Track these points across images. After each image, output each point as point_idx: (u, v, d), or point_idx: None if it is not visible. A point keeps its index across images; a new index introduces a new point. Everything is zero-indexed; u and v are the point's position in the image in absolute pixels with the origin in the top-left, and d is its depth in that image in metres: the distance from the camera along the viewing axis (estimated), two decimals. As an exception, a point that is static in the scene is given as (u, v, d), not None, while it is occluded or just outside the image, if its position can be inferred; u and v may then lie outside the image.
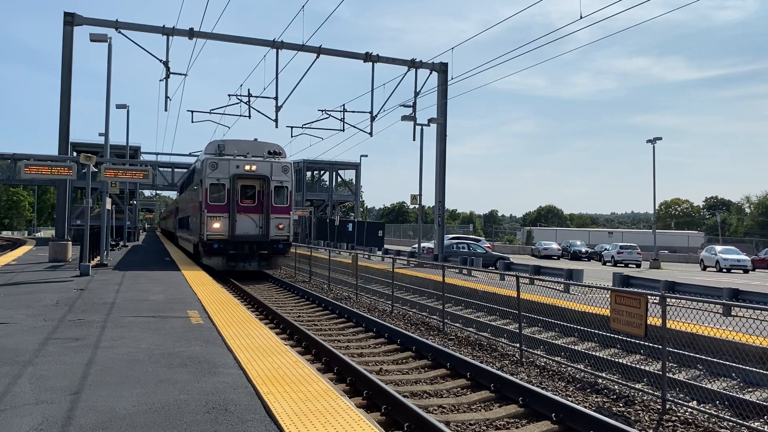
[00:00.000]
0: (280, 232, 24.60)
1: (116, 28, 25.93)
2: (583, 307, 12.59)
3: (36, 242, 45.44)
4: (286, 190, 24.93)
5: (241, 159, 24.31)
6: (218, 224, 23.60)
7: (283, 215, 24.77)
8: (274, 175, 24.57)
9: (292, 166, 25.51)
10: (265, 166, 24.47)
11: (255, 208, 24.39)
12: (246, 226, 24.09)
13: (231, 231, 23.75)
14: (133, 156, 49.09)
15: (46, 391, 6.08)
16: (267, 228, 24.27)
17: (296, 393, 6.17)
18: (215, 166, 23.82)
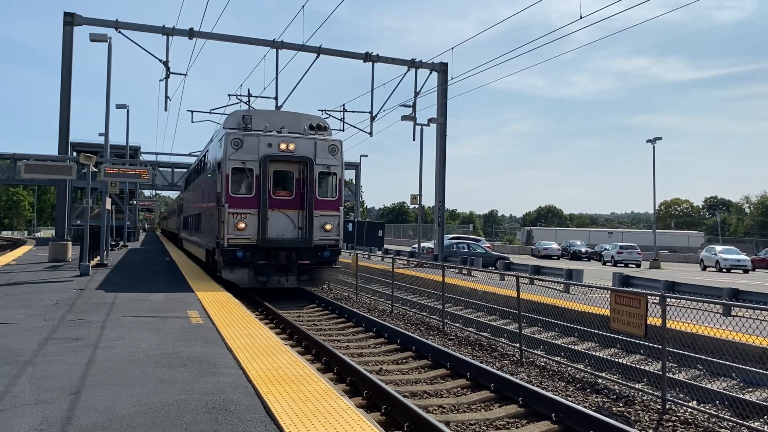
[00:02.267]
0: (327, 234, 17.72)
1: (116, 28, 25.92)
2: (583, 307, 12.60)
3: (36, 242, 45.43)
4: (335, 177, 18.05)
5: (275, 135, 17.59)
6: (243, 224, 16.81)
7: (330, 212, 17.92)
8: (319, 156, 17.74)
9: (342, 146, 18.24)
10: (306, 144, 17.72)
11: (293, 202, 17.63)
12: (281, 227, 17.39)
13: (261, 233, 16.97)
14: (133, 156, 49.13)
15: (46, 391, 6.08)
16: (309, 229, 17.41)
17: (296, 393, 6.17)
18: (239, 143, 17.03)
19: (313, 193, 17.55)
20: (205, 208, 21.32)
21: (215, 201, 18.02)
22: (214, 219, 18.48)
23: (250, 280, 17.18)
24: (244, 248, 16.99)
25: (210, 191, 19.88)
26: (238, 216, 17.01)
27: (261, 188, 17.16)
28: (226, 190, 17.05)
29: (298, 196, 17.69)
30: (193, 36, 26.98)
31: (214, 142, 19.84)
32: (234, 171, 17.14)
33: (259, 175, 17.18)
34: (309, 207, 17.51)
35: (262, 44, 28.47)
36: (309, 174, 17.56)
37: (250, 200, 17.14)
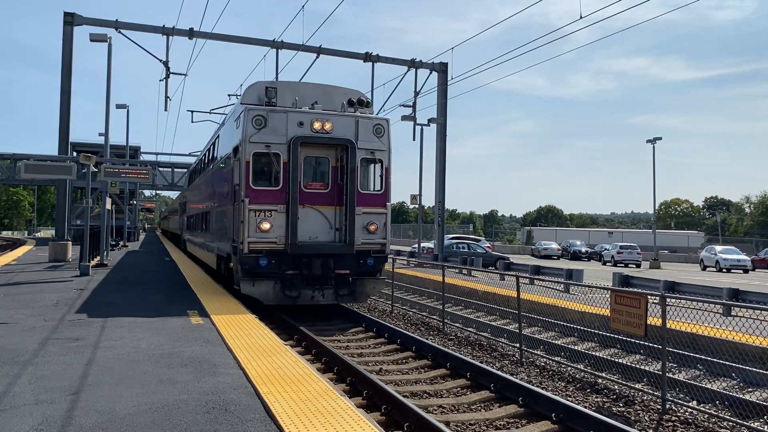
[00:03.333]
0: (371, 237, 14.23)
1: (116, 28, 25.92)
2: (583, 307, 12.60)
3: (36, 242, 45.43)
4: (381, 165, 14.61)
5: (307, 112, 14.02)
6: (267, 224, 13.41)
7: (375, 208, 14.36)
8: (361, 139, 14.19)
9: (389, 127, 14.75)
10: (346, 123, 14.18)
11: (328, 197, 14.09)
12: (314, 228, 13.90)
13: (290, 236, 13.42)
14: (133, 156, 49.17)
15: (46, 391, 6.08)
16: (350, 230, 13.91)
17: (296, 393, 6.17)
18: (262, 122, 13.54)
19: (354, 184, 13.95)
20: (216, 205, 17.89)
21: (230, 196, 14.75)
22: (228, 218, 15.06)
23: (275, 296, 13.61)
24: (269, 255, 13.41)
25: (223, 185, 16.52)
26: (261, 214, 13.42)
27: (290, 178, 13.52)
28: (246, 181, 13.40)
29: (335, 188, 14.10)
30: (193, 36, 26.98)
31: (228, 123, 16.46)
32: (256, 157, 13.52)
33: (288, 162, 13.53)
34: (350, 202, 13.89)
35: (262, 44, 28.47)
36: (350, 161, 13.90)
37: (275, 194, 13.56)
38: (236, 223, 13.86)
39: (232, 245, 14.22)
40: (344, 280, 14.11)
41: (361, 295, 14.64)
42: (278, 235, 13.50)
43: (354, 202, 13.98)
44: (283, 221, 13.54)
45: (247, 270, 13.47)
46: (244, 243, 13.28)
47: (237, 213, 13.84)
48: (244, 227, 13.29)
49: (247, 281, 13.50)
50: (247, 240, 13.27)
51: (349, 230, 13.89)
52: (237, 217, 13.82)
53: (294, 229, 13.47)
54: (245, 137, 13.51)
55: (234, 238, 14.12)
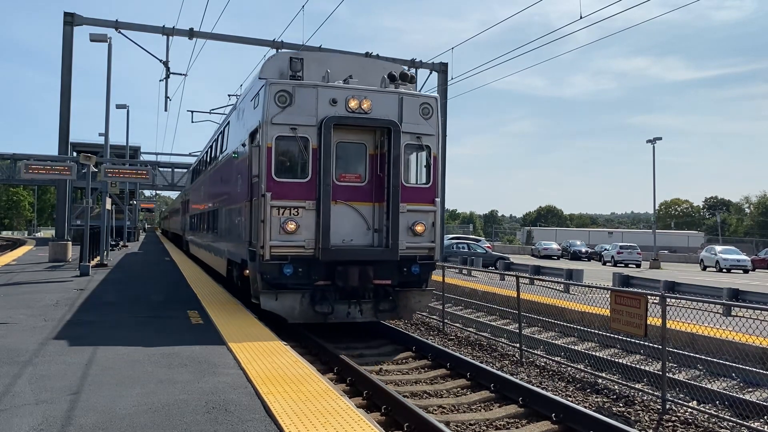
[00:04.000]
0: (418, 240, 11.86)
1: (116, 28, 25.93)
2: (583, 307, 12.61)
3: (36, 242, 45.44)
4: (428, 153, 12.14)
5: (342, 87, 11.66)
6: (294, 224, 11.12)
7: (421, 205, 11.99)
8: (406, 121, 11.78)
9: (438, 106, 12.34)
10: (387, 102, 11.77)
11: (365, 191, 11.79)
12: (348, 228, 11.59)
13: (322, 239, 11.09)
14: (133, 156, 49.20)
15: (46, 391, 6.08)
16: (392, 232, 11.45)
17: (296, 393, 6.17)
18: (287, 99, 11.16)
19: (398, 176, 11.52)
20: (227, 202, 15.60)
21: (246, 191, 12.47)
22: (243, 217, 12.83)
23: (303, 312, 11.21)
24: (296, 262, 11.06)
25: (235, 178, 14.26)
26: (286, 212, 11.08)
27: (321, 168, 11.13)
28: (268, 172, 11.08)
29: (373, 181, 11.73)
30: (193, 36, 26.99)
31: (243, 104, 13.94)
32: (280, 142, 11.19)
33: (318, 148, 11.18)
34: (392, 198, 11.46)
35: (262, 44, 28.48)
36: (392, 147, 11.47)
37: (303, 187, 11.22)
38: (254, 223, 11.64)
39: (249, 250, 11.88)
40: (385, 293, 11.68)
41: (405, 311, 12.06)
42: (306, 237, 11.09)
43: (398, 198, 11.49)
44: (312, 221, 11.14)
45: (269, 281, 11.04)
46: (265, 247, 10.90)
47: (256, 211, 11.52)
48: (264, 228, 10.91)
49: (269, 294, 11.04)
50: (269, 244, 10.88)
51: (392, 232, 11.37)
52: (256, 215, 11.50)
53: (326, 230, 10.99)
54: (266, 118, 11.10)
55: (251, 241, 11.83)
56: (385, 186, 11.57)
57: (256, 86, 12.31)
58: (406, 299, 11.97)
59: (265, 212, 10.97)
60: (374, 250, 11.47)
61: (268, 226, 10.93)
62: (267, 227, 10.93)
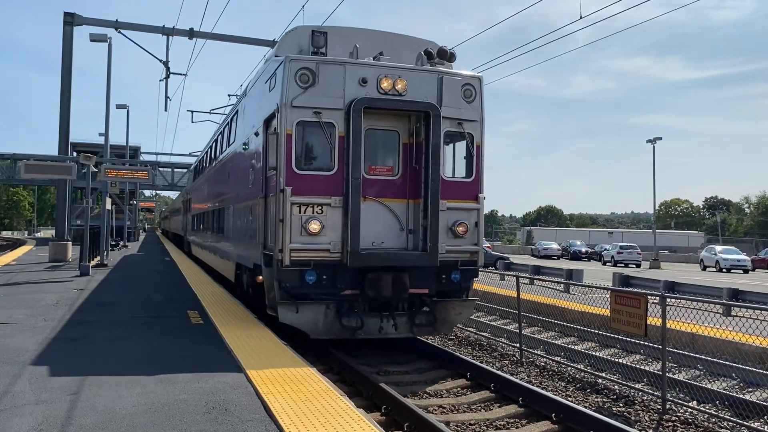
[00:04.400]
0: (459, 243, 10.41)
1: (116, 28, 25.91)
2: (583, 307, 12.61)
3: (36, 242, 45.46)
4: (470, 141, 10.62)
5: (374, 65, 10.23)
6: (317, 224, 9.72)
7: (463, 202, 10.56)
8: (446, 104, 10.31)
9: (482, 88, 10.83)
10: (425, 82, 10.30)
11: (398, 186, 10.41)
12: (378, 229, 10.21)
13: (351, 241, 9.69)
14: (133, 156, 49.17)
15: (46, 391, 6.08)
16: (431, 233, 10.02)
17: (296, 393, 6.17)
18: (309, 78, 9.78)
19: (437, 169, 10.04)
20: (237, 199, 13.99)
21: (260, 186, 11.03)
22: (256, 216, 11.33)
23: (328, 327, 9.77)
24: (319, 268, 9.65)
25: (246, 172, 12.64)
26: (309, 210, 9.68)
27: (349, 159, 9.71)
28: (287, 163, 9.68)
29: (407, 174, 10.32)
30: (193, 36, 26.96)
31: (256, 87, 12.34)
32: (301, 127, 9.76)
33: (345, 136, 9.78)
34: (431, 194, 9.96)
35: (262, 44, 28.43)
36: (432, 135, 9.99)
37: (328, 181, 9.82)
38: (271, 223, 10.22)
39: (264, 253, 10.44)
40: (421, 304, 10.27)
41: (444, 324, 10.61)
42: (332, 239, 9.67)
43: (437, 194, 9.98)
44: (338, 220, 9.72)
45: (289, 289, 9.65)
46: (284, 251, 9.43)
47: (273, 209, 10.04)
48: (284, 229, 9.48)
49: (289, 306, 9.61)
50: (289, 247, 9.43)
51: (431, 233, 9.90)
52: (273, 214, 10.04)
53: (356, 231, 9.56)
54: (285, 100, 9.66)
55: (266, 243, 10.48)
56: (422, 180, 10.08)
57: (272, 65, 10.75)
58: (445, 311, 10.45)
59: (285, 210, 9.53)
60: (411, 255, 10.02)
61: (288, 226, 9.49)
62: (286, 228, 9.48)
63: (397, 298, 9.92)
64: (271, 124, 10.43)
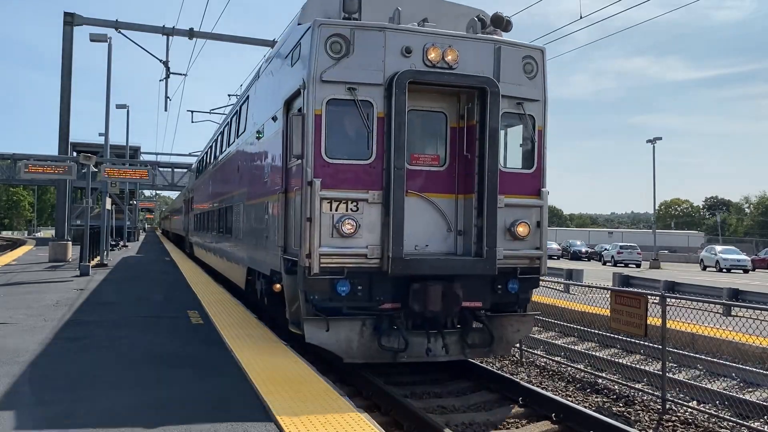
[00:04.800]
0: (518, 246, 8.85)
1: (116, 28, 25.92)
2: (583, 307, 12.61)
3: (36, 242, 45.47)
4: (532, 125, 9.02)
5: (420, 31, 8.55)
6: (352, 224, 8.09)
7: (523, 198, 9.01)
8: (504, 80, 8.70)
9: (545, 61, 9.12)
10: (480, 53, 8.68)
11: (445, 178, 8.93)
12: (422, 230, 8.69)
13: (393, 244, 8.07)
14: (133, 156, 49.22)
15: (46, 391, 6.09)
16: (488, 235, 8.42)
17: (296, 393, 6.17)
18: (342, 47, 8.16)
19: (495, 157, 8.51)
20: (250, 195, 12.40)
21: (279, 178, 9.54)
22: (273, 214, 9.92)
23: (364, 348, 8.25)
24: (354, 276, 8.13)
25: (261, 164, 11.26)
26: (342, 206, 8.12)
27: (391, 145, 8.15)
28: (316, 150, 8.11)
29: (456, 164, 8.85)
30: (193, 36, 26.97)
31: (275, 63, 10.84)
32: (333, 106, 8.20)
33: (386, 117, 8.23)
34: (488, 189, 8.39)
35: (262, 44, 28.44)
36: (488, 116, 8.43)
37: (365, 172, 8.27)
38: (293, 222, 8.82)
39: (284, 258, 8.95)
40: (474, 319, 8.58)
41: (501, 344, 8.93)
42: (369, 242, 8.12)
43: (495, 188, 8.41)
44: (377, 218, 8.17)
45: (317, 303, 8.13)
46: (312, 256, 7.85)
47: (297, 206, 8.52)
48: (312, 230, 7.89)
49: (317, 323, 8.07)
50: (319, 251, 7.85)
51: (488, 235, 8.32)
52: (297, 212, 8.56)
53: (398, 232, 8.03)
54: (314, 73, 8.06)
55: (287, 246, 9.02)
56: (476, 171, 8.53)
57: (296, 34, 9.18)
58: (502, 328, 8.83)
59: (313, 207, 7.90)
60: (464, 262, 8.41)
61: (317, 226, 7.88)
62: (315, 228, 7.86)
63: (447, 312, 8.32)
64: (293, 105, 9.07)
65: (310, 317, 8.13)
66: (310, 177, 8.01)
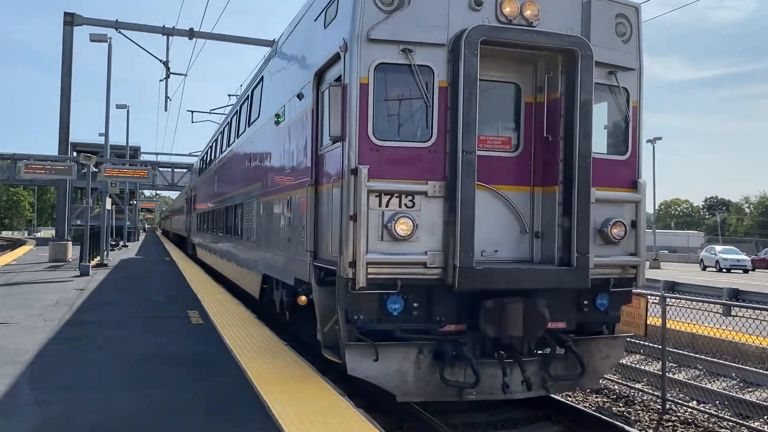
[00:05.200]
0: (611, 252, 7.12)
1: (116, 28, 25.90)
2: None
3: (36, 242, 45.47)
4: (625, 98, 7.39)
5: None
6: (408, 222, 6.40)
7: (616, 191, 7.26)
8: (594, 41, 6.89)
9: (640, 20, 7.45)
10: (565, 7, 7.04)
11: (518, 167, 7.23)
12: (489, 231, 6.90)
13: (459, 249, 6.32)
14: (133, 156, 49.20)
15: (46, 391, 6.08)
16: (580, 238, 6.70)
17: (296, 393, 6.17)
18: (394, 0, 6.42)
19: (587, 140, 6.85)
20: (266, 190, 10.81)
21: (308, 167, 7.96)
22: (301, 211, 8.19)
23: (422, 382, 6.66)
24: (409, 290, 6.59)
25: (282, 151, 9.61)
26: (395, 201, 6.62)
27: (458, 122, 6.56)
28: (361, 128, 6.58)
29: (532, 149, 7.31)
30: (193, 36, 26.95)
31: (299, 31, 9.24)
32: (382, 74, 6.68)
33: (452, 86, 6.68)
34: (579, 179, 6.80)
35: (262, 44, 28.41)
36: (578, 87, 6.84)
37: (423, 157, 6.71)
38: (331, 221, 7.08)
39: (316, 266, 7.42)
40: (558, 344, 6.91)
41: (589, 376, 7.09)
42: (430, 247, 6.54)
43: (588, 178, 6.75)
44: (437, 217, 6.58)
45: (363, 324, 6.50)
46: (357, 265, 6.28)
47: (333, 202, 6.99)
48: (357, 231, 6.34)
49: (362, 350, 6.45)
50: (365, 259, 6.31)
51: (578, 238, 6.69)
52: (332, 209, 7.06)
53: (468, 233, 6.39)
54: (359, 30, 6.50)
55: (318, 251, 7.52)
56: (560, 157, 6.90)
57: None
58: (589, 354, 7.05)
59: (358, 201, 6.33)
60: (551, 272, 6.73)
61: (364, 226, 6.34)
62: (361, 229, 6.32)
63: (530, 337, 6.65)
64: (325, 77, 7.53)
65: (354, 344, 6.48)
66: (354, 163, 6.43)
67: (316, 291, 7.35)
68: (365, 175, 6.34)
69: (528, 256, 7.15)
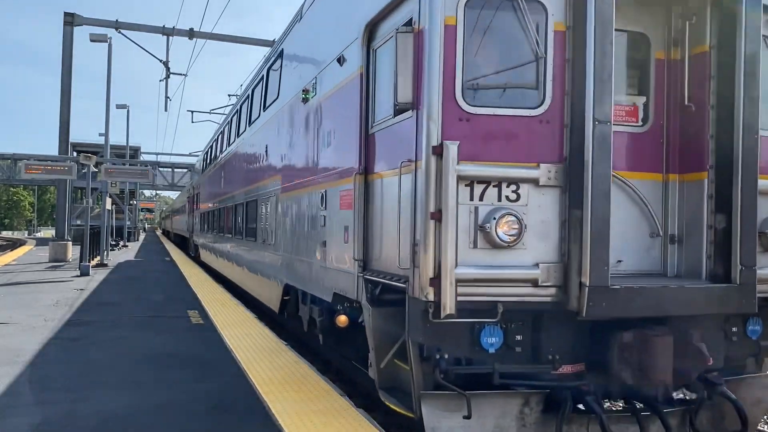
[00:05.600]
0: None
1: (116, 29, 25.94)
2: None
3: (36, 242, 45.47)
4: None
5: None
6: (513, 224, 4.59)
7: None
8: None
9: None
10: None
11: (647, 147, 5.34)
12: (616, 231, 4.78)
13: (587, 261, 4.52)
14: (133, 156, 49.24)
15: (46, 391, 6.08)
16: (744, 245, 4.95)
17: (296, 393, 6.16)
18: None
19: (754, 106, 4.99)
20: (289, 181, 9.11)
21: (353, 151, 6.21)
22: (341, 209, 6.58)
23: None
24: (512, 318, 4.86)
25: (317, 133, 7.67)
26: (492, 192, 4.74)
27: (584, 83, 4.68)
28: (447, 88, 4.70)
29: (665, 121, 5.48)
30: (193, 36, 26.98)
31: None
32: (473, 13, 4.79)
33: (573, 30, 4.80)
34: (743, 163, 4.99)
35: (262, 44, 28.46)
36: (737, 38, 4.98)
37: (532, 130, 4.82)
38: (378, 220, 5.82)
39: (368, 280, 5.83)
40: (707, 387, 5.27)
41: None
42: (541, 257, 4.85)
43: (755, 162, 5.10)
44: (551, 214, 4.88)
45: (449, 366, 4.91)
46: (443, 282, 4.61)
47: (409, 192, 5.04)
48: (442, 233, 4.65)
49: (447, 402, 4.87)
50: (453, 275, 4.62)
51: (742, 244, 5.10)
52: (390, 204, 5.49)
53: (602, 239, 4.68)
54: None
55: (369, 260, 5.98)
56: (710, 133, 5.25)
57: None
58: (742, 400, 5.32)
59: (445, 192, 4.64)
60: (711, 293, 5.07)
61: (452, 228, 4.66)
62: (448, 231, 4.64)
63: (681, 382, 5.16)
64: (379, 30, 5.88)
65: (433, 395, 4.87)
66: (436, 138, 4.69)
67: (368, 313, 5.65)
68: (454, 154, 4.59)
69: (659, 267, 5.46)
